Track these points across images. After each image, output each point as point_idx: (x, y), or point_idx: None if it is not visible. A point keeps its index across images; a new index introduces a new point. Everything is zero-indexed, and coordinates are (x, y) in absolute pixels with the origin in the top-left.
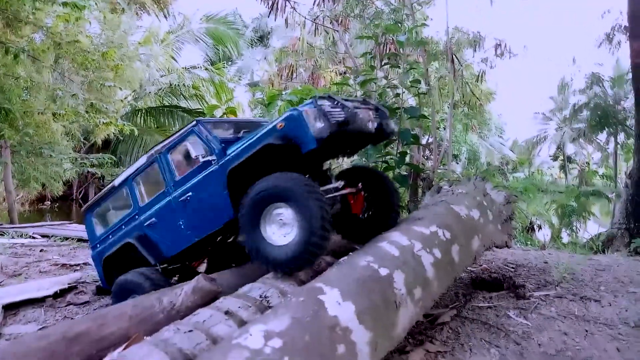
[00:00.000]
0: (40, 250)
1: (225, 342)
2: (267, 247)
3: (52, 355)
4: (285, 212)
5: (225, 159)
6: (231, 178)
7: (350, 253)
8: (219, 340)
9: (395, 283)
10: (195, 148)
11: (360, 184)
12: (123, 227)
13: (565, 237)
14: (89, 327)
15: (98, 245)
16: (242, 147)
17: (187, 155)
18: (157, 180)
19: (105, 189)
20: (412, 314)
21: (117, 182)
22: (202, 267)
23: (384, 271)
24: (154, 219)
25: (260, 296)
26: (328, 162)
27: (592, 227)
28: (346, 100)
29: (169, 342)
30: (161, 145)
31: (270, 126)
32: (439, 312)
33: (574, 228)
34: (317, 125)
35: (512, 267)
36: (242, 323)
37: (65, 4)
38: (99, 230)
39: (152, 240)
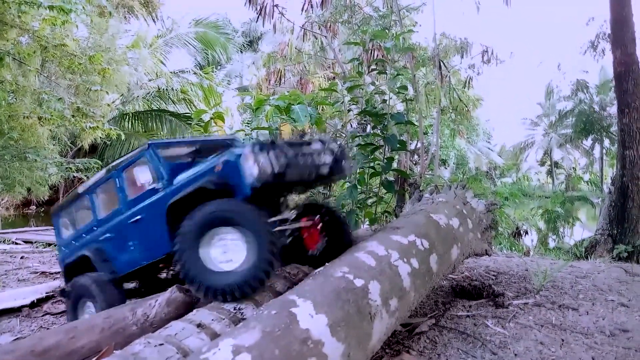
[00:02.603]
0: (21, 257)
1: (194, 357)
2: (209, 273)
3: None
4: (231, 237)
5: (169, 189)
6: (171, 211)
7: (327, 263)
8: (190, 354)
9: (370, 294)
10: (142, 173)
11: (317, 219)
12: (83, 235)
13: (551, 243)
14: (59, 340)
15: (63, 249)
16: (180, 184)
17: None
18: (114, 196)
19: (71, 194)
20: (388, 324)
21: (80, 189)
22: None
23: (359, 282)
24: (109, 234)
25: (235, 308)
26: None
27: (579, 233)
28: (293, 144)
29: (138, 356)
30: (118, 161)
31: (208, 167)
32: (417, 322)
33: (560, 233)
34: (253, 174)
35: (494, 275)
36: (214, 336)
37: (51, 7)
38: (65, 234)
39: (107, 255)
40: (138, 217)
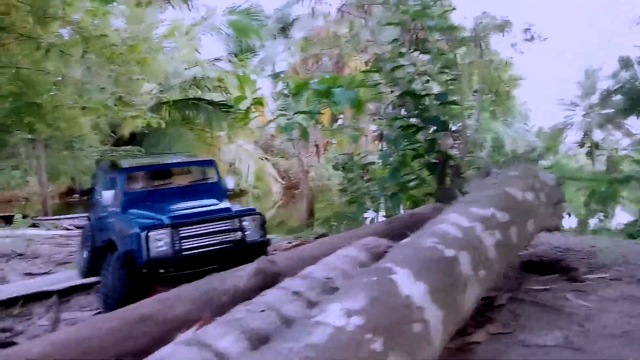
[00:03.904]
0: None
1: (306, 320)
2: None
3: (124, 336)
4: None
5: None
6: None
7: (411, 233)
8: (291, 320)
9: (461, 264)
10: (108, 196)
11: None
12: None
13: (591, 224)
14: (156, 309)
15: None
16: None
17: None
18: None
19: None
20: (477, 294)
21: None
22: None
23: (449, 252)
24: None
25: (325, 277)
26: None
27: (620, 214)
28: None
29: (242, 321)
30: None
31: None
32: (495, 295)
33: (607, 214)
34: (145, 254)
35: (560, 251)
36: (310, 303)
37: None
38: None
39: None
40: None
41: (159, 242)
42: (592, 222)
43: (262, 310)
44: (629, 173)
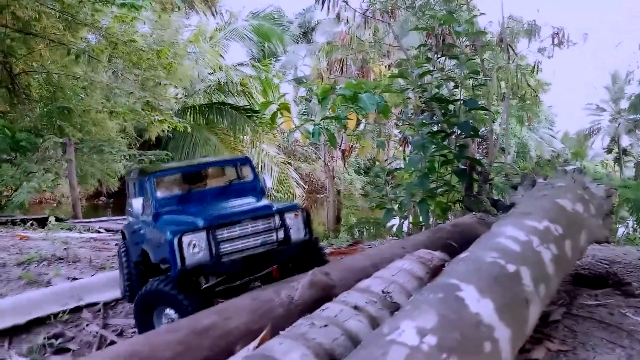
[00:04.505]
0: (116, 244)
1: (378, 338)
2: None
3: (185, 348)
4: (171, 313)
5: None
6: None
7: (470, 248)
8: (354, 335)
9: (523, 279)
10: (137, 205)
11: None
12: None
13: (619, 233)
14: (215, 321)
15: None
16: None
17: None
18: None
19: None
20: (539, 311)
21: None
22: None
23: (511, 267)
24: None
25: (383, 291)
26: None
27: None
28: (233, 223)
29: (307, 336)
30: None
31: (159, 238)
32: (549, 309)
33: None
34: (179, 264)
35: (606, 264)
36: (371, 318)
37: (122, 5)
38: None
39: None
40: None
41: (194, 248)
42: (622, 231)
43: (325, 325)
44: None
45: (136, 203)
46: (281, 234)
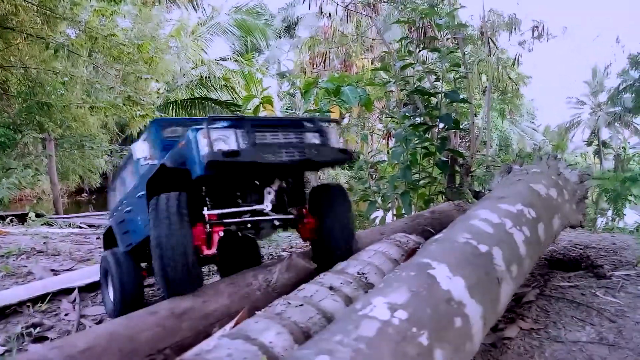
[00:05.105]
0: (97, 238)
1: (351, 314)
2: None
3: (164, 330)
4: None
5: (148, 166)
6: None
7: (444, 230)
8: (329, 314)
9: (495, 259)
10: (141, 149)
11: (305, 210)
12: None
13: (599, 223)
14: (193, 304)
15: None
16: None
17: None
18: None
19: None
20: (511, 290)
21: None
22: None
23: (483, 247)
24: (131, 206)
25: (358, 273)
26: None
27: (628, 213)
28: (269, 121)
29: (283, 315)
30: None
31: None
32: (523, 291)
33: (619, 213)
34: (206, 151)
35: (580, 248)
36: (347, 298)
37: None
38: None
39: (126, 227)
40: (143, 192)
41: (222, 142)
42: (600, 220)
43: (301, 305)
44: (638, 172)
45: (139, 146)
46: (319, 138)
